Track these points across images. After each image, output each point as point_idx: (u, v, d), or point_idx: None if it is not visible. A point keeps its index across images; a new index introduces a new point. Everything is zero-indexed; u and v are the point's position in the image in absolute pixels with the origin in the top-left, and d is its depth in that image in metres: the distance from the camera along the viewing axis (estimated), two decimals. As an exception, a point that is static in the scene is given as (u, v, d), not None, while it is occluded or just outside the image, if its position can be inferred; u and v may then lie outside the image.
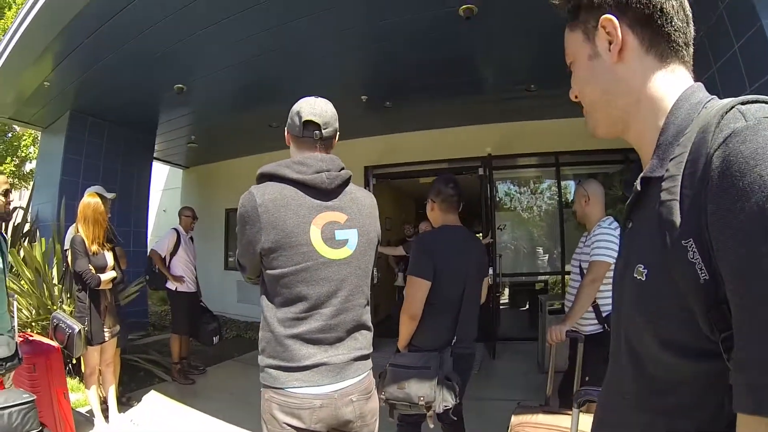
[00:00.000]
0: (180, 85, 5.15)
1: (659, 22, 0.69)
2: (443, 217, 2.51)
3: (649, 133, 0.71)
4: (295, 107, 1.58)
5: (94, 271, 3.40)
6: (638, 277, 0.65)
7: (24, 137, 12.54)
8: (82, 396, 4.04)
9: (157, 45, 4.31)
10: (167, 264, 4.98)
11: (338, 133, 1.63)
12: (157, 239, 5.31)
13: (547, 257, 7.07)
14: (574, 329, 2.70)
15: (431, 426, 2.29)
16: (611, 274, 2.62)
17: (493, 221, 6.29)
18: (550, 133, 6.27)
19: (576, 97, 0.83)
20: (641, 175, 0.70)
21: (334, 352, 1.50)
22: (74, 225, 3.60)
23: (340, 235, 1.51)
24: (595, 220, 2.82)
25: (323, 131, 1.54)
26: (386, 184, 8.05)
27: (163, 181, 11.11)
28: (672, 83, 0.70)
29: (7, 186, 2.52)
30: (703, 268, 0.54)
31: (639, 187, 0.70)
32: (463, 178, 5.29)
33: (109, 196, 3.77)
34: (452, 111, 6.16)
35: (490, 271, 4.68)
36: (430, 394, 2.15)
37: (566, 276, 6.35)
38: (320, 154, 1.55)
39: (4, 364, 2.32)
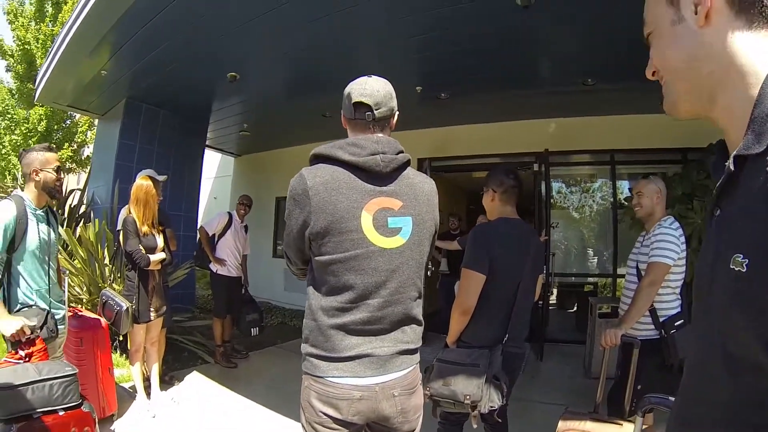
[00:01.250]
0: (233, 73, 5.21)
1: None
2: (502, 208, 2.41)
3: (739, 106, 0.63)
4: (347, 89, 1.51)
5: (144, 251, 3.48)
6: (736, 269, 0.56)
7: (81, 124, 13.15)
8: (126, 372, 4.17)
9: (209, 35, 4.36)
10: (214, 243, 5.05)
11: (396, 112, 1.54)
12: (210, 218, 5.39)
13: (597, 259, 6.87)
14: (629, 334, 2.55)
15: (474, 426, 2.20)
16: (671, 277, 2.51)
17: (548, 218, 6.09)
18: (606, 130, 6.05)
19: (654, 74, 0.76)
20: (734, 153, 0.60)
21: (379, 344, 1.44)
22: (127, 206, 3.70)
23: (393, 222, 1.43)
24: (656, 219, 2.67)
25: (375, 112, 1.46)
26: (439, 177, 7.98)
27: (215, 168, 11.39)
28: (764, 50, 0.62)
29: (58, 163, 2.59)
30: None
31: (732, 167, 0.61)
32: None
33: (161, 178, 3.83)
34: (508, 104, 6.00)
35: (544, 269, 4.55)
36: (476, 393, 2.07)
37: (618, 279, 6.16)
38: (376, 136, 1.47)
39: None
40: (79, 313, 3.43)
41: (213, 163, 10.96)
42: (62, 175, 2.63)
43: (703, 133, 3.67)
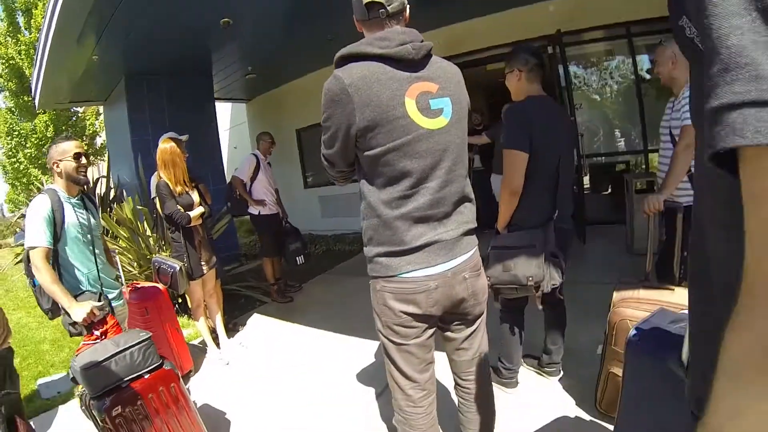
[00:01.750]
0: (226, 19, 5.08)
1: None
2: (529, 87, 2.36)
3: None
4: None
5: (182, 210, 3.56)
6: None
7: (87, 117, 13.22)
8: (192, 331, 4.40)
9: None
10: (248, 189, 5.07)
11: (408, 5, 1.51)
12: (236, 168, 5.34)
13: (625, 138, 6.72)
14: (671, 199, 2.54)
15: (540, 308, 2.25)
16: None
17: (571, 100, 5.94)
18: (618, 2, 5.69)
19: None
20: None
21: (444, 229, 1.46)
22: (156, 173, 3.74)
23: (434, 104, 1.43)
24: (682, 83, 2.58)
25: (388, 8, 1.44)
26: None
27: (228, 120, 11.40)
28: None
29: (78, 150, 2.57)
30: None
31: None
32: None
33: (183, 138, 3.84)
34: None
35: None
36: (538, 273, 2.09)
37: (649, 155, 6.05)
38: (399, 27, 1.46)
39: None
40: (138, 286, 3.52)
41: (225, 114, 10.96)
42: (83, 161, 2.58)
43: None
